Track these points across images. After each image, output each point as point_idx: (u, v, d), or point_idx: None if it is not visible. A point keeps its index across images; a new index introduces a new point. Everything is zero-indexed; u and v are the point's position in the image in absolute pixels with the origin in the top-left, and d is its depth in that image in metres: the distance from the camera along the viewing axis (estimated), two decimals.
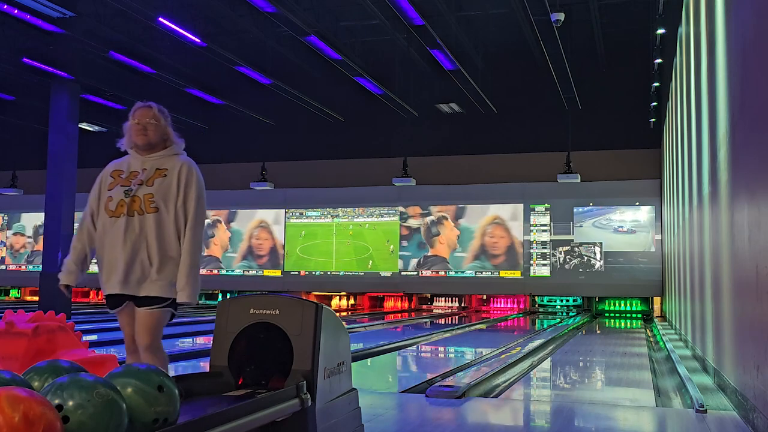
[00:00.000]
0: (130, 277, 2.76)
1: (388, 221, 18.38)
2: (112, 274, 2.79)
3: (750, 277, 3.56)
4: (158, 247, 2.77)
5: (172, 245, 2.80)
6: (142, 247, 2.77)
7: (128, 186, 2.82)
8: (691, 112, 7.37)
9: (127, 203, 2.78)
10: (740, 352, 4.10)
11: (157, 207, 2.79)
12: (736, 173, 4.13)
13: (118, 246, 2.77)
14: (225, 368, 2.32)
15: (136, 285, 2.77)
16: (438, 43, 11.95)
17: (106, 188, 2.87)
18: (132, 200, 2.78)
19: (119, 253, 2.77)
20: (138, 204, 2.78)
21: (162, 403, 1.61)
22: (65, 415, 1.37)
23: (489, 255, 17.51)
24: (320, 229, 18.93)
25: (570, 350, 8.77)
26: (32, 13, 11.13)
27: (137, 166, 2.87)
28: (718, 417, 4.05)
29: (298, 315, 2.31)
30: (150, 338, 2.81)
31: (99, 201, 2.87)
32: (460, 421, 3.97)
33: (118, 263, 2.77)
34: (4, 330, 2.67)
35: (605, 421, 4.13)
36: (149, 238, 2.77)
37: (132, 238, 2.76)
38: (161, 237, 2.78)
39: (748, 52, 3.65)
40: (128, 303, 2.83)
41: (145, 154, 2.89)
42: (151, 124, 2.87)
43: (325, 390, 2.31)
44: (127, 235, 2.76)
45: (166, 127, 2.92)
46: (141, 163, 2.87)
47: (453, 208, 17.83)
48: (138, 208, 2.78)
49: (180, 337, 9.61)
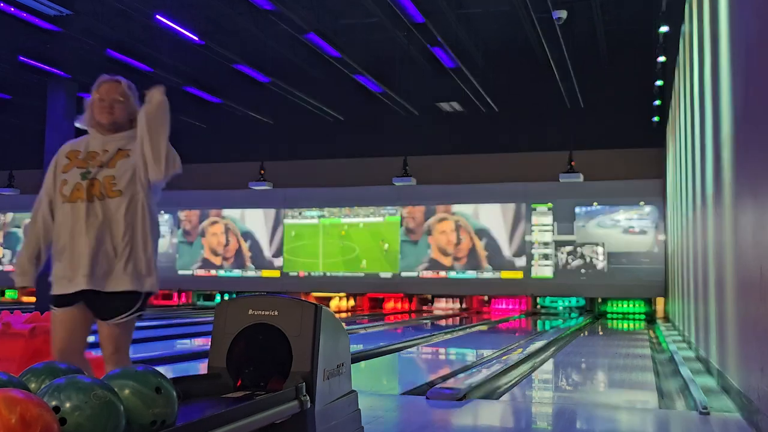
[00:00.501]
0: (96, 270, 2.46)
1: (386, 221, 18.36)
2: (77, 269, 2.47)
3: (754, 278, 3.53)
4: (124, 235, 2.49)
5: (138, 233, 2.53)
6: (106, 235, 2.48)
7: (85, 168, 2.53)
8: (695, 110, 7.33)
9: (84, 187, 2.50)
10: (744, 353, 4.07)
11: (120, 190, 2.51)
12: (740, 173, 4.10)
13: (81, 235, 2.47)
14: (223, 370, 2.29)
15: (102, 279, 2.48)
16: (438, 40, 11.92)
17: (60, 171, 2.57)
18: (91, 184, 2.50)
19: (83, 244, 2.47)
20: (98, 188, 2.50)
21: (160, 404, 1.61)
22: (62, 417, 1.37)
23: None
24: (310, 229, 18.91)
25: (572, 352, 8.74)
26: (29, 11, 11.12)
27: (97, 146, 2.58)
28: (722, 419, 4.02)
29: (297, 316, 2.29)
30: (119, 351, 2.55)
31: (55, 186, 2.57)
32: (461, 423, 3.94)
33: (81, 255, 2.47)
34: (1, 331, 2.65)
35: (607, 423, 4.10)
36: (113, 226, 2.49)
37: (95, 226, 2.47)
38: (127, 224, 2.50)
39: (752, 50, 3.62)
40: (80, 305, 2.51)
41: (107, 134, 2.59)
42: (119, 102, 2.60)
43: (324, 392, 2.29)
44: (89, 223, 2.47)
45: (134, 106, 2.63)
46: (102, 144, 2.58)
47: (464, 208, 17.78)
48: (98, 192, 2.49)
49: (178, 339, 9.59)
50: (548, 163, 16.35)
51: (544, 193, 17.10)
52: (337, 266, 18.58)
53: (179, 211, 19.74)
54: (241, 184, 18.52)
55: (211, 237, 19.52)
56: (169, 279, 19.58)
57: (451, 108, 17.56)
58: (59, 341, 2.54)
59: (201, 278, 19.46)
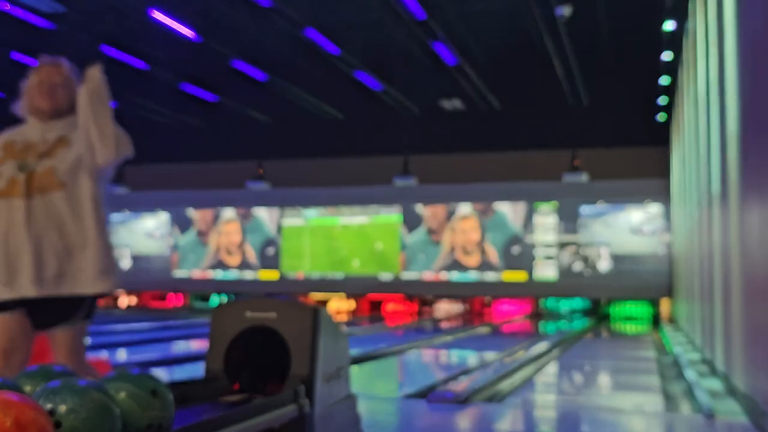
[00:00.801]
0: (43, 273, 2.23)
1: (386, 221, 18.33)
2: (17, 273, 2.23)
3: (761, 279, 3.49)
4: (73, 231, 2.28)
5: (89, 227, 2.31)
6: (52, 233, 2.25)
7: (23, 160, 2.31)
8: (700, 108, 7.29)
9: (22, 181, 2.26)
10: (750, 355, 4.02)
11: (64, 182, 2.29)
12: (747, 172, 4.06)
13: (18, 235, 2.23)
14: (221, 373, 2.26)
15: (54, 282, 2.24)
16: (440, 37, 11.88)
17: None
18: (29, 177, 2.27)
19: (22, 244, 2.23)
20: (38, 181, 2.27)
21: (156, 408, 1.59)
22: (57, 420, 1.35)
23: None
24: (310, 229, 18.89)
25: (576, 354, 8.69)
26: (23, 7, 11.11)
27: (35, 135, 2.36)
28: (728, 422, 3.98)
29: (295, 318, 2.27)
30: (73, 355, 2.30)
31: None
32: (462, 427, 3.90)
33: (22, 257, 2.22)
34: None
35: (611, 427, 4.06)
36: (59, 222, 2.27)
37: (37, 224, 2.24)
38: (74, 218, 2.28)
39: (759, 47, 3.57)
40: (21, 310, 2.24)
41: (47, 122, 2.38)
42: (61, 86, 2.40)
43: (323, 395, 2.27)
44: (29, 221, 2.24)
45: (75, 90, 2.40)
46: (41, 132, 2.37)
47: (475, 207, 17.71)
48: (38, 185, 2.27)
49: (175, 341, 9.57)
50: (551, 162, 16.24)
51: (548, 193, 16.99)
52: (337, 267, 18.55)
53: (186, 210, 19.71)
54: (239, 183, 18.48)
55: (223, 237, 19.49)
56: (166, 281, 19.55)
57: (453, 106, 17.49)
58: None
59: (201, 279, 19.43)
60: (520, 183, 17.10)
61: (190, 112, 17.81)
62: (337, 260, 18.61)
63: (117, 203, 19.56)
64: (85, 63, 2.41)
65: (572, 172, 15.32)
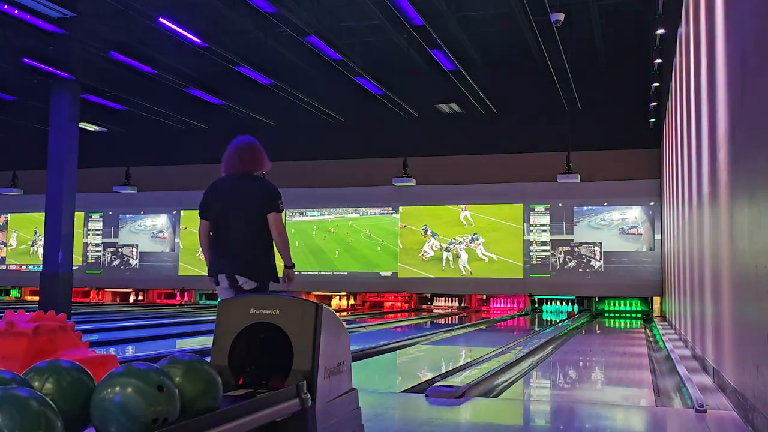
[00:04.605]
0: None
1: (385, 221, 18.41)
2: None
3: (750, 277, 3.56)
4: None
5: None
6: None
7: None
8: (691, 112, 7.37)
9: None
10: (740, 351, 4.10)
11: None
12: (736, 173, 4.13)
13: None
14: (225, 368, 2.30)
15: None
16: (438, 43, 11.97)
17: None
18: None
19: None
20: None
21: (162, 402, 1.61)
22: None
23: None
24: (310, 229, 18.92)
25: (570, 350, 8.77)
26: (32, 13, 11.13)
27: None
28: (718, 417, 4.05)
29: (298, 315, 2.30)
30: None
31: None
32: (460, 421, 3.97)
33: None
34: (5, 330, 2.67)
35: (605, 420, 4.13)
36: None
37: None
38: None
39: (748, 52, 3.65)
40: None
41: None
42: None
43: (325, 390, 2.31)
44: None
45: None
46: None
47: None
48: None
49: (180, 337, 9.61)
50: (546, 164, 16.42)
51: (542, 194, 17.19)
52: (337, 265, 18.64)
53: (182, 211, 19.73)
54: None
55: None
56: (172, 278, 19.65)
57: (450, 109, 17.62)
58: None
59: (203, 278, 19.45)
60: (515, 184, 17.27)
61: (195, 115, 17.87)
62: (338, 259, 18.70)
63: (125, 203, 19.64)
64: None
65: (566, 173, 15.47)
